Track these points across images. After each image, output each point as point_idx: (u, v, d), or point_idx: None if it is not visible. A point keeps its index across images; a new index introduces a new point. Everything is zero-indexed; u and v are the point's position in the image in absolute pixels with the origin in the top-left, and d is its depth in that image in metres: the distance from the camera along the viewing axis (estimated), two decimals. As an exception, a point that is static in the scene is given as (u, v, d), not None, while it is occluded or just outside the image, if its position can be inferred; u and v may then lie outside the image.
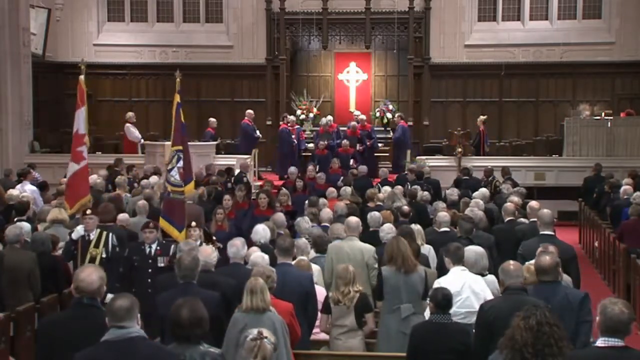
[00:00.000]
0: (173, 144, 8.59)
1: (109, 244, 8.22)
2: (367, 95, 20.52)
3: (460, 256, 6.39)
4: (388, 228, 8.02)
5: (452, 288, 5.90)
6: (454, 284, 6.10)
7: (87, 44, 20.72)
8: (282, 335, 5.21)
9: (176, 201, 8.20)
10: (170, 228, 8.17)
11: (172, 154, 8.51)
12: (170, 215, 8.17)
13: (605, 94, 19.90)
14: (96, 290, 4.67)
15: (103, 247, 8.13)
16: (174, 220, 8.16)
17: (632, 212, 10.63)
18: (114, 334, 4.04)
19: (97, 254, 8.06)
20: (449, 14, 20.07)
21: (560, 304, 5.07)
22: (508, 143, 19.28)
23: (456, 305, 5.97)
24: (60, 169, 14.95)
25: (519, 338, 3.83)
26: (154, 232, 8.03)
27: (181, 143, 8.49)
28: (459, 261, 6.37)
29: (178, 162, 8.33)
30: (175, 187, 8.26)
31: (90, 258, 8.01)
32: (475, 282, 6.25)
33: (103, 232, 8.25)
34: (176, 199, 8.21)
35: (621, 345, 4.09)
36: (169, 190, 8.32)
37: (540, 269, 5.39)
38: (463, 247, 6.55)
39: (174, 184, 8.26)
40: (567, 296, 5.28)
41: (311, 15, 19.61)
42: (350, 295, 6.33)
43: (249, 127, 17.61)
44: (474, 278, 6.30)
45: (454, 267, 6.36)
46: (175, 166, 8.32)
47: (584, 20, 19.99)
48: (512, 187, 12.14)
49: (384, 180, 13.73)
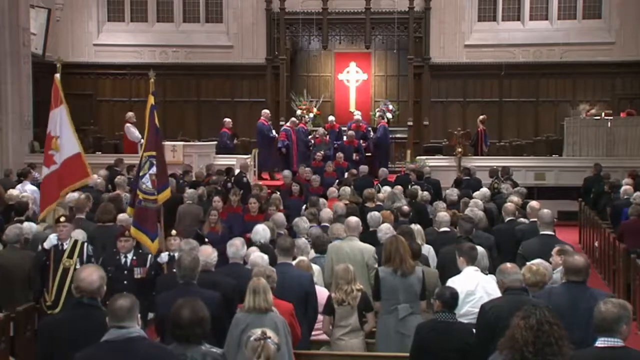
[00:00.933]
0: (146, 149, 8.06)
1: (84, 255, 7.57)
2: (367, 95, 20.53)
3: (474, 256, 6.38)
4: (386, 228, 8.01)
5: (466, 287, 5.91)
6: (468, 283, 6.10)
7: (87, 44, 20.75)
8: (284, 335, 5.21)
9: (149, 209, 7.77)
10: (143, 237, 7.74)
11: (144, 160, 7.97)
12: (143, 223, 7.73)
13: (605, 94, 19.90)
14: (96, 290, 4.68)
15: (77, 258, 7.50)
16: (147, 229, 7.74)
17: (632, 212, 10.62)
18: (114, 334, 4.04)
19: (71, 265, 7.43)
20: (449, 14, 20.08)
21: (588, 305, 5.04)
22: (508, 143, 19.28)
23: (469, 305, 5.98)
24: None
25: (519, 337, 3.83)
26: (129, 241, 7.60)
27: (155, 148, 8.05)
28: (472, 261, 6.36)
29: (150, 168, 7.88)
30: (147, 195, 7.82)
31: (63, 269, 7.43)
32: (488, 283, 6.23)
33: (78, 241, 7.64)
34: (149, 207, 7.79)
35: (620, 345, 4.10)
36: (141, 198, 7.85)
37: (574, 268, 5.32)
38: (477, 248, 6.53)
39: (146, 192, 7.83)
40: (592, 296, 5.23)
41: (311, 15, 19.62)
42: (353, 294, 6.34)
43: (265, 127, 17.48)
44: (487, 278, 6.30)
45: (467, 267, 6.34)
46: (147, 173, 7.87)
47: (584, 20, 20.00)
48: (512, 187, 12.13)
49: (384, 180, 13.73)
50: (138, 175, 7.99)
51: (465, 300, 5.95)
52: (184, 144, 16.78)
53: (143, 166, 7.89)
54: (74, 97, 20.64)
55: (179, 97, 20.91)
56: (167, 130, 20.10)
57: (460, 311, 5.80)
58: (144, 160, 7.91)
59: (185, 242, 6.97)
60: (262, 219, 9.68)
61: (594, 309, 4.21)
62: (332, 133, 17.53)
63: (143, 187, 7.80)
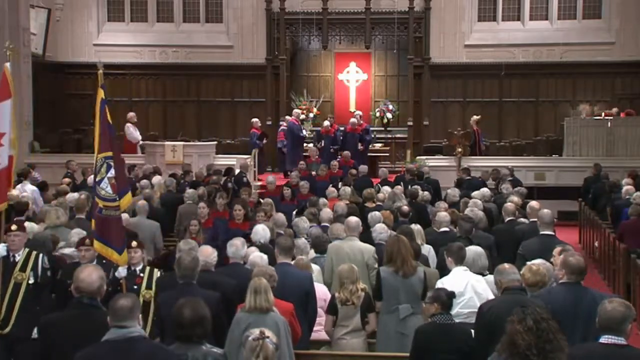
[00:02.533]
0: (100, 149, 6.94)
1: (39, 267, 6.78)
2: (367, 95, 20.53)
3: (462, 256, 6.39)
4: (380, 228, 7.99)
5: (456, 288, 5.89)
6: (457, 284, 6.09)
7: (87, 44, 20.74)
8: (284, 335, 5.21)
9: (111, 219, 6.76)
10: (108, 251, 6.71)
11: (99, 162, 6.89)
12: (106, 235, 6.71)
13: (605, 94, 19.90)
14: (96, 290, 4.69)
15: (31, 271, 6.73)
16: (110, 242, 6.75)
17: (632, 212, 10.62)
18: (115, 333, 4.05)
19: (24, 279, 6.70)
20: (449, 14, 20.08)
21: (589, 304, 5.04)
22: (508, 143, 19.28)
23: (459, 306, 5.97)
24: (60, 169, 14.95)
25: (521, 342, 3.79)
26: (90, 251, 6.86)
27: (110, 148, 6.99)
28: (461, 261, 6.37)
29: (108, 171, 6.83)
30: (108, 202, 6.78)
31: (15, 284, 6.70)
32: (478, 282, 6.25)
33: (32, 252, 6.85)
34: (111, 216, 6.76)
35: (623, 343, 4.12)
36: (101, 207, 6.78)
37: (576, 268, 5.32)
38: (465, 247, 6.54)
39: (106, 198, 6.78)
40: (592, 296, 5.25)
41: (311, 15, 19.61)
42: (358, 294, 6.34)
43: (295, 126, 17.46)
44: (476, 278, 6.31)
45: (456, 267, 6.35)
46: (105, 176, 6.81)
47: (584, 20, 20.00)
48: (513, 187, 12.13)
49: (384, 180, 13.73)
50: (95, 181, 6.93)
51: (455, 302, 5.94)
52: (184, 144, 16.78)
53: (100, 170, 6.85)
54: (74, 97, 20.80)
55: (179, 97, 20.91)
56: (167, 130, 20.23)
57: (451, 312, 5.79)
58: (100, 163, 6.88)
59: (184, 242, 6.96)
60: (247, 228, 9.20)
61: (598, 308, 4.21)
62: (327, 138, 17.47)
63: (102, 194, 6.78)
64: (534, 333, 3.81)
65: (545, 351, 3.79)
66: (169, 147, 16.47)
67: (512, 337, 3.83)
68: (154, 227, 9.91)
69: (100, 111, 7.04)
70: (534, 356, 3.77)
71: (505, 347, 3.86)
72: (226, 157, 17.01)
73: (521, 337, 3.80)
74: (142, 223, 9.85)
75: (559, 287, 5.44)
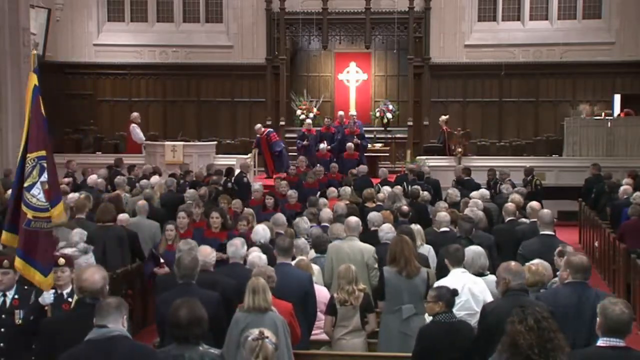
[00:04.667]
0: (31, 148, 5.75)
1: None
2: (367, 95, 20.53)
3: (459, 258, 6.38)
4: (387, 228, 7.99)
5: (453, 290, 5.88)
6: (454, 286, 6.07)
7: (87, 44, 20.74)
8: (283, 335, 5.21)
9: (40, 233, 5.58)
10: (31, 271, 5.53)
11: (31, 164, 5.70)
12: (32, 253, 5.53)
13: (605, 94, 19.89)
14: (99, 290, 4.70)
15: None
16: (36, 260, 5.53)
17: (632, 212, 10.62)
18: (96, 333, 4.08)
19: None
20: (449, 14, 20.07)
21: (593, 303, 5.04)
22: (508, 143, 19.28)
23: (456, 308, 5.96)
24: (60, 169, 14.90)
25: (523, 343, 3.79)
26: (9, 274, 5.65)
27: (44, 146, 5.79)
28: (458, 263, 6.36)
29: (41, 174, 5.67)
30: (38, 212, 5.60)
31: None
32: (475, 284, 6.23)
33: None
34: (41, 230, 5.59)
35: (622, 345, 4.11)
36: (30, 217, 5.58)
37: (580, 267, 5.32)
38: (463, 249, 6.53)
39: (37, 208, 5.61)
40: (597, 295, 5.24)
41: (311, 15, 19.60)
42: (356, 294, 6.33)
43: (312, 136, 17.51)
44: (474, 280, 6.29)
45: (453, 269, 6.35)
46: (37, 180, 5.65)
47: (584, 20, 19.98)
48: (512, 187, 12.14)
49: (384, 180, 13.73)
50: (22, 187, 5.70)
51: None
52: (184, 144, 16.78)
53: (31, 173, 5.66)
54: (74, 97, 20.81)
55: (179, 97, 20.91)
56: (167, 130, 20.23)
57: (452, 311, 5.79)
58: (31, 164, 5.68)
59: (184, 242, 6.96)
60: (224, 237, 8.68)
61: (599, 309, 4.19)
62: (327, 135, 17.49)
63: (33, 202, 5.59)
64: (535, 332, 3.81)
65: (546, 350, 3.79)
66: (169, 147, 16.48)
67: (513, 338, 3.83)
68: (154, 227, 9.89)
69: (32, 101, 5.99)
70: (536, 355, 3.77)
71: (507, 348, 3.85)
72: (226, 157, 17.01)
73: (523, 337, 3.80)
74: (142, 223, 9.86)
75: (564, 287, 5.42)
